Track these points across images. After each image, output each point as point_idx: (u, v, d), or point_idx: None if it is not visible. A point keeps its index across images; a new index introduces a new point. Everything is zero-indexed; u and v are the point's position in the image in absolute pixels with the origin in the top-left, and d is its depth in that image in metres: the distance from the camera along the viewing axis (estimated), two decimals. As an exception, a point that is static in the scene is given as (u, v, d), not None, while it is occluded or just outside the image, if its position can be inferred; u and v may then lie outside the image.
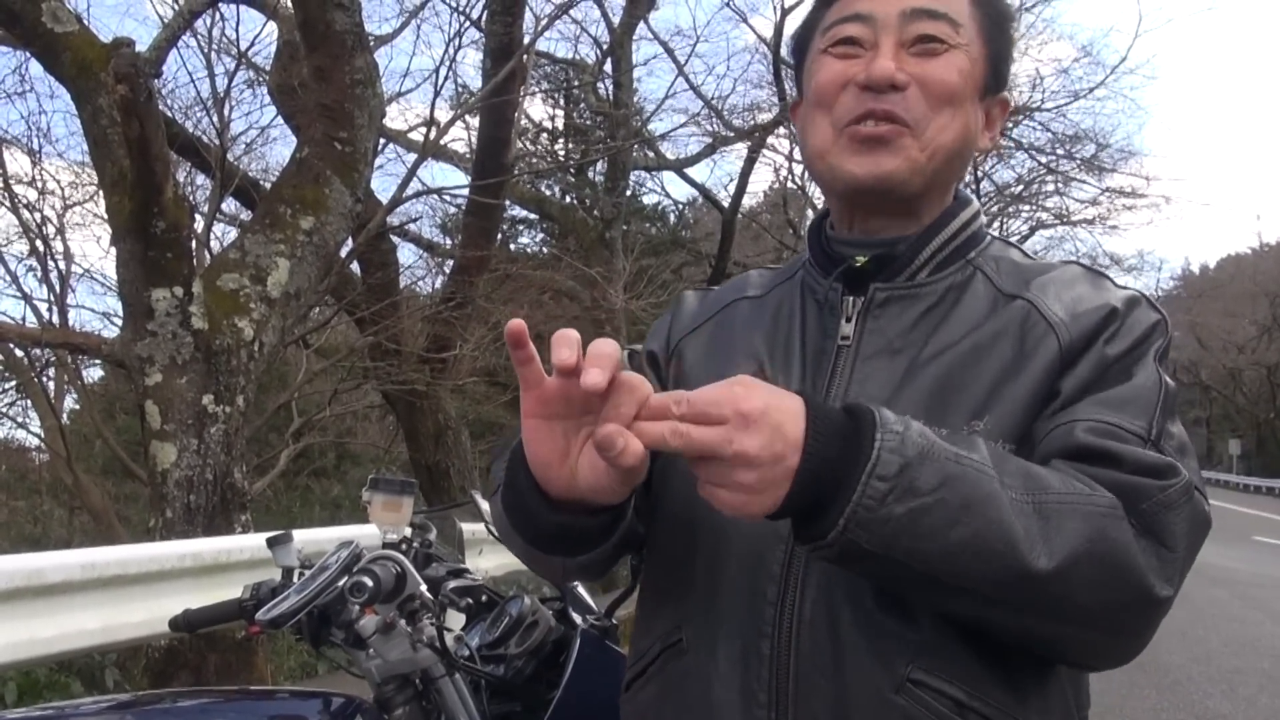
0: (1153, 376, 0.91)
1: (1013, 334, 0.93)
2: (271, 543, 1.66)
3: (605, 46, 12.46)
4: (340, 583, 1.43)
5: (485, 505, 1.88)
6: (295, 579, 1.56)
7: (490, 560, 4.64)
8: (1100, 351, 0.91)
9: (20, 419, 12.12)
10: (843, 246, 1.03)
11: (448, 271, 9.73)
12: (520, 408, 0.84)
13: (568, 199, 13.92)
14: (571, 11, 10.67)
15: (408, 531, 1.68)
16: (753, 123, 13.00)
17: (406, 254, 12.45)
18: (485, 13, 7.69)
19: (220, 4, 7.00)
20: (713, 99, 13.08)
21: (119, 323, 4.92)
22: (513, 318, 0.81)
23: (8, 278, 9.39)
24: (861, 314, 0.99)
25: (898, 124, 0.95)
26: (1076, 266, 1.01)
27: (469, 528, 4.44)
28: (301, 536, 1.85)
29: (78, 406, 12.84)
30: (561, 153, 14.93)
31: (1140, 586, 0.81)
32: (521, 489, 0.90)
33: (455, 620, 1.67)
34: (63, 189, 9.37)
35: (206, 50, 7.94)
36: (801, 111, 1.06)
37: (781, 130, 12.56)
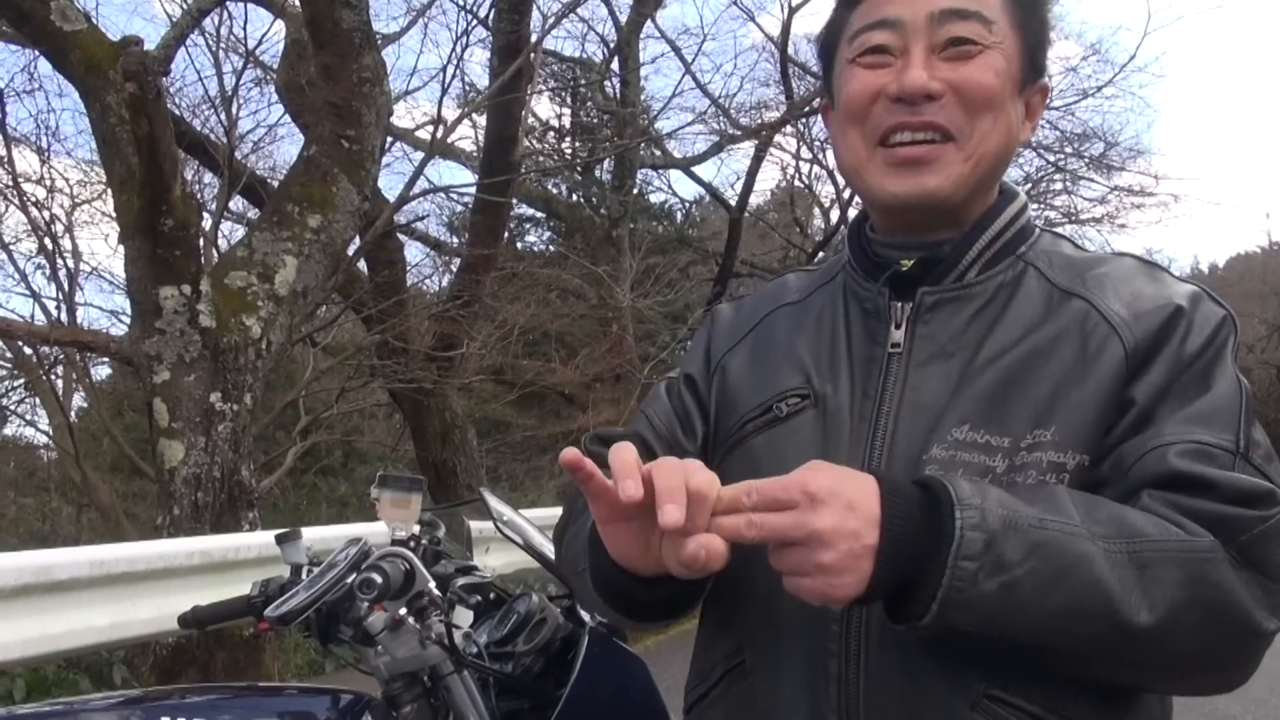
0: (1232, 382, 0.87)
1: (1073, 336, 0.90)
2: (280, 540, 1.65)
3: (612, 45, 12.44)
4: (349, 579, 1.43)
5: (494, 502, 1.87)
6: (304, 576, 1.55)
7: (498, 558, 4.64)
8: (1174, 355, 0.87)
9: (28, 417, 12.13)
10: (886, 249, 0.99)
11: (455, 270, 9.74)
12: (593, 514, 0.84)
13: (575, 197, 13.92)
14: (579, 10, 10.67)
15: (416, 529, 1.67)
16: (760, 121, 12.95)
17: (413, 252, 12.40)
18: (493, 11, 7.71)
19: (228, 2, 7.03)
20: (720, 97, 13.05)
21: (127, 321, 4.95)
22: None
23: (16, 276, 9.37)
24: (910, 319, 0.95)
25: (938, 133, 0.92)
26: (1131, 259, 0.98)
27: (477, 525, 4.43)
28: (310, 534, 1.85)
29: (86, 404, 12.84)
30: (568, 151, 14.92)
31: (1246, 623, 0.79)
32: (615, 579, 0.89)
33: (463, 617, 1.67)
34: (71, 187, 9.34)
35: (214, 49, 7.95)
36: (833, 120, 1.02)
37: (789, 129, 12.54)
